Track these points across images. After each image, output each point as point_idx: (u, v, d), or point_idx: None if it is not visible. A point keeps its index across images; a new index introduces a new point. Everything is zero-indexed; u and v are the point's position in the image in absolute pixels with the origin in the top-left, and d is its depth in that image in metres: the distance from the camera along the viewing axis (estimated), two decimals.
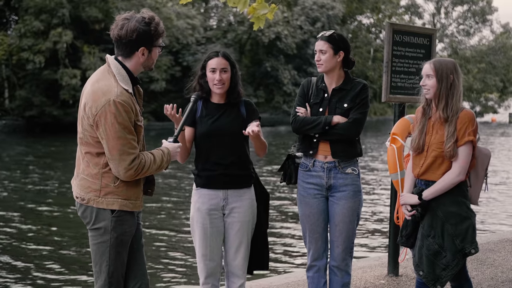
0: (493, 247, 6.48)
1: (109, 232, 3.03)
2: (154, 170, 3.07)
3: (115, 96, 2.92)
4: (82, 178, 3.07)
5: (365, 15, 54.21)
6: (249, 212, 3.68)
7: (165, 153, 3.13)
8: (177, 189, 14.30)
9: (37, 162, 19.81)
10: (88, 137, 3.01)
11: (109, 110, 2.90)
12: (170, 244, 9.06)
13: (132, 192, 3.07)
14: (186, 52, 36.63)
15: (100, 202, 3.02)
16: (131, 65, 3.07)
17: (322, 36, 3.84)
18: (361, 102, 3.80)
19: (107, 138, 2.93)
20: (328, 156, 3.81)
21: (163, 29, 3.11)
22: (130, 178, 2.99)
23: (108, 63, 3.05)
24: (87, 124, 2.99)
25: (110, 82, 2.98)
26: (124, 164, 2.94)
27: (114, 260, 3.05)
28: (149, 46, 3.06)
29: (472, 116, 3.49)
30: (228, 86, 3.64)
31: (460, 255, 3.50)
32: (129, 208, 3.06)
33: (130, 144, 2.95)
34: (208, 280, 3.69)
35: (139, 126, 3.04)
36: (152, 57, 3.11)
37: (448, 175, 3.47)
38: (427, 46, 5.25)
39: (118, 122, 2.91)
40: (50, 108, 31.73)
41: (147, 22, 3.01)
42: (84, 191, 3.05)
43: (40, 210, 11.65)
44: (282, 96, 41.39)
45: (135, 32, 2.98)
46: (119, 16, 3.05)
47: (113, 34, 3.03)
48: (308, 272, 3.99)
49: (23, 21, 31.31)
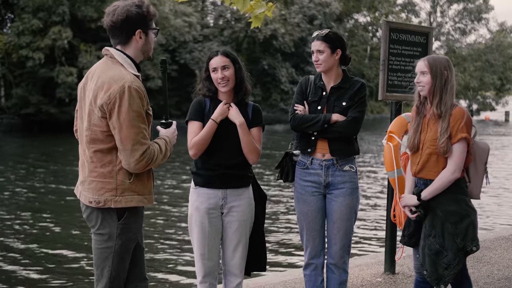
0: (489, 244, 6.50)
1: (114, 239, 2.95)
2: (160, 160, 2.98)
3: (129, 82, 2.85)
4: (92, 181, 2.95)
5: (361, 13, 54.22)
6: (248, 211, 3.67)
7: (167, 142, 3.06)
8: (175, 187, 14.29)
9: (42, 161, 19.77)
10: (98, 132, 2.91)
11: (124, 96, 2.81)
12: (168, 242, 9.06)
13: (146, 187, 3.00)
14: (183, 50, 36.58)
15: (119, 201, 2.91)
16: (131, 52, 3.01)
17: (318, 36, 3.84)
18: (360, 101, 3.81)
19: (120, 127, 2.83)
20: (326, 154, 3.82)
21: (155, 12, 3.05)
22: (140, 169, 2.89)
23: (111, 54, 2.99)
24: (97, 117, 2.88)
25: (120, 70, 2.91)
26: (136, 155, 2.85)
27: (116, 266, 2.99)
28: (144, 29, 3.00)
29: (464, 112, 3.51)
30: (233, 83, 3.61)
31: (462, 253, 3.51)
32: (144, 204, 2.99)
33: (143, 133, 2.87)
34: (206, 279, 3.68)
35: (149, 116, 2.96)
36: (149, 42, 3.05)
37: (443, 174, 3.49)
38: (423, 44, 5.26)
39: (133, 110, 2.82)
40: (46, 106, 31.66)
41: (138, 5, 2.97)
42: (98, 194, 2.92)
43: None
44: (279, 94, 41.36)
45: (127, 14, 2.93)
46: (108, 7, 3.01)
47: (107, 23, 2.98)
48: (305, 270, 3.99)
49: (20, 19, 31.22)
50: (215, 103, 3.64)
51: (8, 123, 31.32)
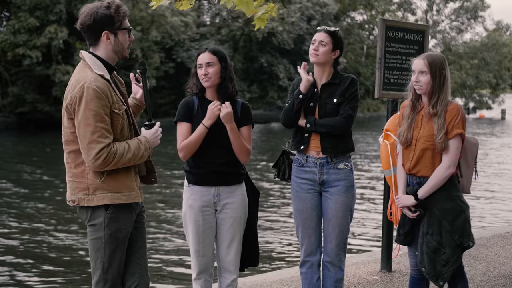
0: (485, 242, 6.51)
1: (103, 228, 3.01)
2: (133, 160, 3.01)
3: (88, 82, 2.91)
4: (69, 181, 3.07)
5: (358, 11, 54.22)
6: (241, 208, 3.69)
7: (142, 142, 3.06)
8: (169, 185, 14.28)
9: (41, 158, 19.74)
10: (69, 133, 3.00)
11: (82, 96, 2.89)
12: (163, 239, 9.06)
13: (123, 184, 3.03)
14: (180, 49, 36.51)
15: (91, 199, 3.00)
16: (102, 53, 3.05)
17: (325, 29, 3.86)
18: (351, 97, 3.82)
19: (78, 126, 2.92)
20: (320, 152, 3.82)
21: (125, 11, 3.06)
22: (100, 168, 2.93)
23: (83, 57, 3.05)
24: (66, 119, 2.99)
25: (86, 72, 2.98)
26: (92, 154, 2.89)
27: (109, 257, 3.03)
28: (112, 29, 3.02)
29: (460, 108, 3.53)
30: (217, 81, 3.62)
31: (459, 249, 3.53)
32: (123, 201, 3.01)
33: (100, 132, 2.91)
34: (201, 275, 3.70)
35: (116, 115, 2.99)
36: (120, 42, 3.06)
37: (438, 170, 3.50)
38: (419, 42, 5.26)
39: (89, 109, 2.89)
40: (42, 105, 31.59)
41: (107, 6, 3.00)
42: (73, 193, 3.04)
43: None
44: (276, 92, 41.32)
45: (93, 16, 2.98)
46: (80, 9, 3.07)
47: (78, 25, 3.04)
48: (301, 268, 3.99)
49: (16, 18, 31.13)
50: (203, 103, 3.66)
51: (4, 121, 31.24)
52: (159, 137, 3.19)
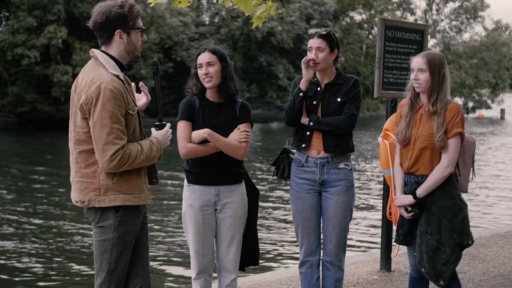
0: (485, 242, 6.52)
1: (112, 231, 2.98)
2: (145, 162, 3.00)
3: (105, 82, 2.88)
4: (77, 181, 3.01)
5: (357, 11, 54.20)
6: (241, 208, 3.69)
7: (153, 143, 3.05)
8: (168, 184, 14.28)
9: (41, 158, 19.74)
10: (81, 133, 2.96)
11: (99, 96, 2.86)
12: (163, 238, 9.05)
13: (134, 186, 3.01)
14: (179, 48, 36.49)
15: (102, 200, 2.96)
16: (115, 52, 3.04)
17: (318, 34, 3.83)
18: (354, 97, 3.82)
19: (93, 127, 2.89)
20: (321, 151, 3.82)
21: (139, 11, 3.05)
22: (114, 169, 2.91)
23: (95, 56, 3.03)
24: (80, 118, 2.95)
25: (101, 71, 2.95)
26: (107, 155, 2.87)
27: (115, 259, 3.02)
28: (125, 29, 3.01)
29: (459, 108, 3.54)
30: (218, 80, 3.62)
31: (459, 248, 3.53)
32: (133, 203, 3.00)
33: (116, 134, 2.89)
34: (201, 275, 3.70)
35: (130, 116, 2.98)
36: (132, 41, 3.06)
37: (437, 169, 3.50)
38: (419, 42, 5.26)
39: (106, 110, 2.86)
40: (42, 104, 31.57)
41: (120, 5, 2.99)
42: (82, 193, 2.99)
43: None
44: (275, 91, 41.31)
45: (105, 14, 2.96)
46: (94, 7, 3.05)
47: (90, 23, 3.02)
48: (301, 268, 3.99)
49: (15, 17, 31.10)
50: (203, 103, 3.66)
51: (4, 121, 31.22)
52: (170, 138, 3.20)
